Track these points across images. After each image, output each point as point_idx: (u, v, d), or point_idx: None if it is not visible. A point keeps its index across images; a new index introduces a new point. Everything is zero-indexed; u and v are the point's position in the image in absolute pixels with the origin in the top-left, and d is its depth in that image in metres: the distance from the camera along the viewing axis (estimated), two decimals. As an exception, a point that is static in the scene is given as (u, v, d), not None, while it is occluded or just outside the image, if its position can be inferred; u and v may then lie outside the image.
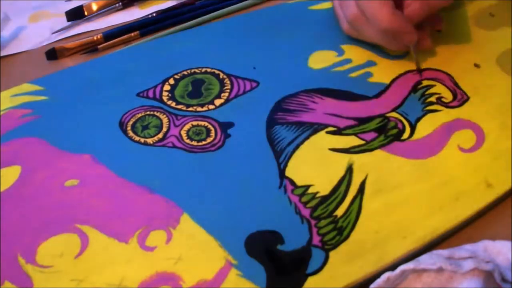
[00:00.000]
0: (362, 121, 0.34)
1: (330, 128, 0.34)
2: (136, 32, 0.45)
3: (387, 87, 0.36)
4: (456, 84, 0.36)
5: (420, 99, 0.35)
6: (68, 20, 0.48)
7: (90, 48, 0.44)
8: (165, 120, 0.35)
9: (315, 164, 0.32)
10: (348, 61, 0.38)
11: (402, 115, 0.34)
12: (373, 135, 0.33)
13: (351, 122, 0.34)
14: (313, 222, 0.29)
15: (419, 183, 0.30)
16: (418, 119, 0.34)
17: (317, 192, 0.30)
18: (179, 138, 0.34)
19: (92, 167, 0.32)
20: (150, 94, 0.37)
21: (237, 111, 0.35)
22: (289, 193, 0.30)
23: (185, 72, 0.38)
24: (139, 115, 0.35)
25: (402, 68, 0.38)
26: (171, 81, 0.38)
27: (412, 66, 0.38)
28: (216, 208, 0.30)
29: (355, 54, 0.39)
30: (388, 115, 0.34)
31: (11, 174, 0.32)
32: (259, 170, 0.31)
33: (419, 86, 0.36)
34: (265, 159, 0.32)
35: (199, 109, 0.36)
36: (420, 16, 0.35)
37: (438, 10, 0.36)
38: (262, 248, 0.28)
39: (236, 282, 0.26)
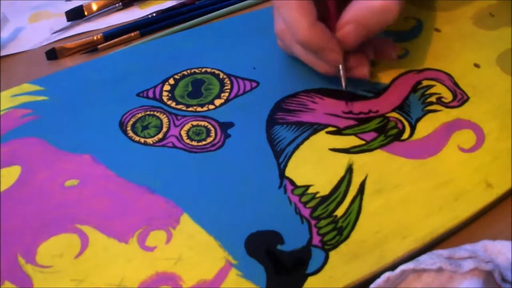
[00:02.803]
0: (362, 121, 0.34)
1: (330, 128, 0.34)
2: (136, 32, 0.45)
3: (387, 87, 0.36)
4: (456, 84, 0.36)
5: (420, 99, 0.35)
6: (68, 20, 0.48)
7: (90, 48, 0.44)
8: (165, 120, 0.35)
9: (315, 164, 0.32)
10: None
11: (402, 115, 0.34)
12: (373, 135, 0.33)
13: (351, 122, 0.34)
14: (313, 222, 0.29)
15: (419, 183, 0.30)
16: (418, 119, 0.34)
17: (317, 192, 0.30)
18: (179, 138, 0.34)
19: (92, 167, 0.32)
20: (150, 94, 0.37)
21: (237, 111, 0.35)
22: (289, 193, 0.30)
23: (185, 72, 0.38)
24: (139, 115, 0.35)
25: (402, 68, 0.37)
26: (171, 81, 0.38)
27: (412, 66, 0.38)
28: (216, 208, 0.30)
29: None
30: (388, 115, 0.34)
31: (11, 174, 0.32)
32: (259, 170, 0.31)
33: (419, 86, 0.36)
34: (265, 159, 0.32)
35: (199, 109, 0.36)
36: (355, 40, 0.32)
37: (379, 33, 0.32)
38: (262, 248, 0.28)
39: (236, 282, 0.26)
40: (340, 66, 0.33)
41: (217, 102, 0.36)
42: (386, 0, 0.31)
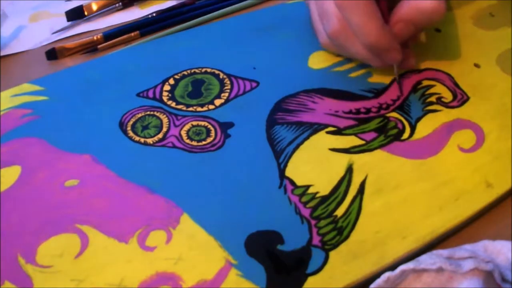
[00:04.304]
0: (362, 121, 0.34)
1: (330, 128, 0.34)
2: (136, 32, 0.45)
3: (387, 87, 0.36)
4: (456, 84, 0.36)
5: (420, 99, 0.35)
6: (68, 20, 0.48)
7: (90, 48, 0.44)
8: (165, 120, 0.35)
9: (315, 164, 0.32)
10: (348, 61, 0.38)
11: (402, 115, 0.34)
12: (373, 135, 0.33)
13: (351, 122, 0.34)
14: (313, 222, 0.29)
15: (419, 183, 0.30)
16: (418, 119, 0.34)
17: (317, 192, 0.30)
18: (179, 138, 0.34)
19: (92, 167, 0.32)
20: (150, 94, 0.37)
21: (237, 111, 0.35)
22: (289, 193, 0.30)
23: (185, 72, 0.38)
24: (139, 115, 0.35)
25: (402, 68, 0.37)
26: (171, 81, 0.38)
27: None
28: (216, 208, 0.30)
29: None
30: (388, 115, 0.34)
31: (11, 174, 0.32)
32: (259, 170, 0.31)
33: (419, 86, 0.36)
34: (265, 159, 0.32)
35: (199, 109, 0.36)
36: (406, 37, 0.34)
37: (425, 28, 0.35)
38: (262, 248, 0.28)
39: (236, 282, 0.26)
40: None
41: (217, 102, 0.36)
42: (434, 1, 0.32)
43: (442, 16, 0.33)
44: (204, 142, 0.33)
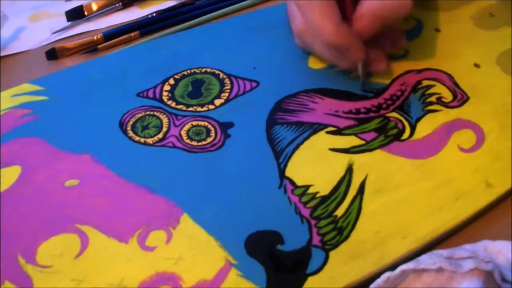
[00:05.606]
0: (362, 121, 0.34)
1: (330, 128, 0.34)
2: (136, 32, 0.45)
3: (387, 87, 0.36)
4: (456, 84, 0.36)
5: (420, 99, 0.35)
6: (68, 20, 0.48)
7: (90, 48, 0.44)
8: (165, 120, 0.35)
9: (315, 164, 0.32)
10: (348, 61, 0.38)
11: (402, 115, 0.34)
12: (373, 135, 0.33)
13: (351, 122, 0.34)
14: (313, 222, 0.29)
15: (419, 183, 0.30)
16: (418, 119, 0.34)
17: (317, 192, 0.30)
18: (179, 138, 0.34)
19: (92, 167, 0.32)
20: (150, 94, 0.37)
21: (237, 111, 0.35)
22: (289, 193, 0.30)
23: (185, 72, 0.38)
24: (139, 115, 0.35)
25: (402, 68, 0.37)
26: (171, 81, 0.38)
27: (412, 66, 0.38)
28: (216, 208, 0.30)
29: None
30: (388, 115, 0.34)
31: (11, 174, 0.32)
32: (259, 170, 0.31)
33: (419, 86, 0.36)
34: (265, 159, 0.32)
35: (199, 109, 0.36)
36: (371, 33, 0.33)
37: (393, 23, 0.33)
38: (262, 248, 0.28)
39: (236, 282, 0.26)
40: (359, 63, 0.34)
41: (217, 102, 0.36)
42: None
43: (408, 10, 0.32)
44: (204, 142, 0.33)
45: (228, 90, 0.37)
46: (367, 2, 0.32)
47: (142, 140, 0.34)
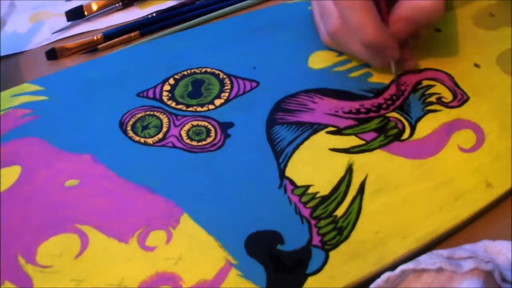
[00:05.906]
0: (362, 121, 0.34)
1: (330, 128, 0.34)
2: (136, 32, 0.45)
3: (387, 87, 0.36)
4: (456, 84, 0.36)
5: (420, 99, 0.35)
6: (68, 20, 0.48)
7: (90, 48, 0.44)
8: (165, 120, 0.35)
9: (315, 164, 0.32)
10: (348, 61, 0.38)
11: (402, 115, 0.34)
12: (373, 135, 0.33)
13: (351, 122, 0.34)
14: (313, 222, 0.29)
15: (419, 183, 0.30)
16: (418, 119, 0.34)
17: (317, 192, 0.30)
18: (179, 138, 0.34)
19: (92, 167, 0.32)
20: (150, 94, 0.37)
21: (237, 111, 0.35)
22: (289, 193, 0.30)
23: (185, 72, 0.38)
24: (139, 115, 0.35)
25: (403, 69, 0.37)
26: (171, 81, 0.38)
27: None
28: (216, 208, 0.30)
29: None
30: (388, 115, 0.34)
31: (11, 174, 0.32)
32: (259, 170, 0.31)
33: (419, 86, 0.36)
34: (265, 159, 0.32)
35: (199, 109, 0.36)
36: (405, 36, 0.34)
37: (425, 26, 0.35)
38: (262, 248, 0.28)
39: (236, 282, 0.26)
40: (392, 61, 0.35)
41: (217, 102, 0.36)
42: (434, 0, 0.32)
43: (441, 15, 0.33)
44: (204, 142, 0.33)
45: (228, 90, 0.37)
46: (402, 7, 0.33)
47: (142, 140, 0.34)
